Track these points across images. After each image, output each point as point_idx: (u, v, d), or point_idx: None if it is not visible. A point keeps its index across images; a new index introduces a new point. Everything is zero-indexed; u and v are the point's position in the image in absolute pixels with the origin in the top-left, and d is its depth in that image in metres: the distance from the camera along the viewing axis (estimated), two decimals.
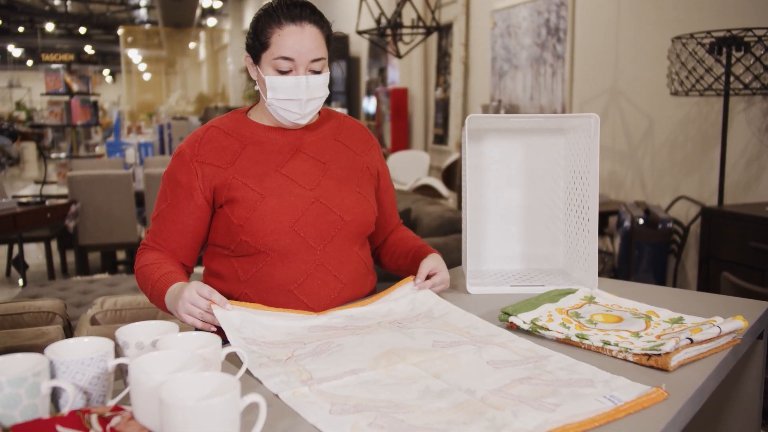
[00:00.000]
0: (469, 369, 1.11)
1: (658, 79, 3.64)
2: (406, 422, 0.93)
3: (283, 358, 1.16)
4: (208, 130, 1.49)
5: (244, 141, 1.47)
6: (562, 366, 1.12)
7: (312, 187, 1.46)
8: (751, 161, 3.17)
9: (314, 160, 1.49)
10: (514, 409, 0.95)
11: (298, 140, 1.50)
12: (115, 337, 1.02)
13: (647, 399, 0.99)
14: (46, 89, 6.95)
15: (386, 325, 1.34)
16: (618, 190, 4.11)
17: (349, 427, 0.91)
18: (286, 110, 1.43)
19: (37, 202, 3.96)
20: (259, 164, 1.45)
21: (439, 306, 1.44)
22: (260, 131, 1.49)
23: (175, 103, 14.35)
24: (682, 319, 1.32)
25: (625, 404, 0.97)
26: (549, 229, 1.82)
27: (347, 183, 1.51)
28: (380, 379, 1.08)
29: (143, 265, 1.43)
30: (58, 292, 3.29)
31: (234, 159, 1.45)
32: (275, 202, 1.42)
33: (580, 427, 0.90)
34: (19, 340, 2.07)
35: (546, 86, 4.86)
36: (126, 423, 0.84)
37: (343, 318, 1.38)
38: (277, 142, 1.49)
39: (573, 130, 1.71)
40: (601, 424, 0.92)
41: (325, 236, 1.45)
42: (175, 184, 1.46)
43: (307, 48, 1.39)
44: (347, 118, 1.64)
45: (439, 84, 6.87)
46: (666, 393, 1.01)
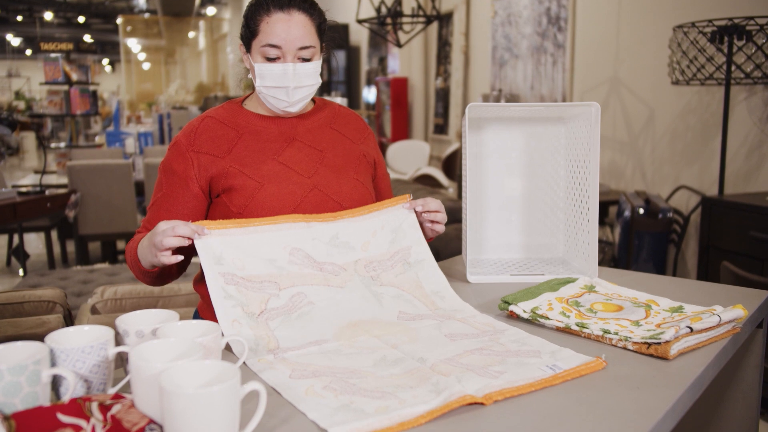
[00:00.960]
0: (426, 341, 1.18)
1: (659, 69, 3.63)
2: (357, 386, 1.00)
3: (256, 311, 1.20)
4: (203, 120, 1.49)
5: (239, 130, 1.48)
6: (514, 339, 1.19)
7: (310, 175, 1.46)
8: (751, 151, 3.17)
9: (310, 148, 1.50)
10: (459, 375, 1.02)
11: (293, 129, 1.50)
12: (115, 325, 1.02)
13: (586, 367, 1.06)
14: (45, 78, 6.93)
15: (362, 271, 1.36)
16: (618, 179, 4.10)
17: (304, 389, 0.99)
18: (274, 98, 1.44)
19: (36, 191, 3.96)
20: (256, 153, 1.45)
21: (419, 249, 1.44)
22: (255, 120, 1.49)
23: (174, 93, 14.31)
24: (682, 307, 1.32)
25: (563, 372, 1.04)
26: (549, 218, 1.82)
27: (344, 170, 1.51)
28: (342, 349, 1.16)
29: (130, 246, 1.41)
30: (58, 282, 3.30)
31: (230, 148, 1.45)
32: (274, 188, 1.42)
33: (516, 391, 0.97)
34: (19, 329, 2.07)
35: (546, 75, 4.84)
36: (126, 411, 0.85)
37: (327, 239, 1.35)
38: (273, 131, 1.49)
39: (573, 119, 1.71)
40: (536, 389, 0.99)
41: None
42: (170, 174, 1.45)
43: (294, 36, 1.39)
44: (342, 107, 1.64)
45: (440, 73, 6.85)
46: (605, 362, 1.08)
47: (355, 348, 1.16)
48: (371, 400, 0.95)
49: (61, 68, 6.82)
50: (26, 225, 4.74)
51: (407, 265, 1.41)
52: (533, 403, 0.95)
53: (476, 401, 0.94)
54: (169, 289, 2.33)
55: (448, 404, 0.92)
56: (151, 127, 7.12)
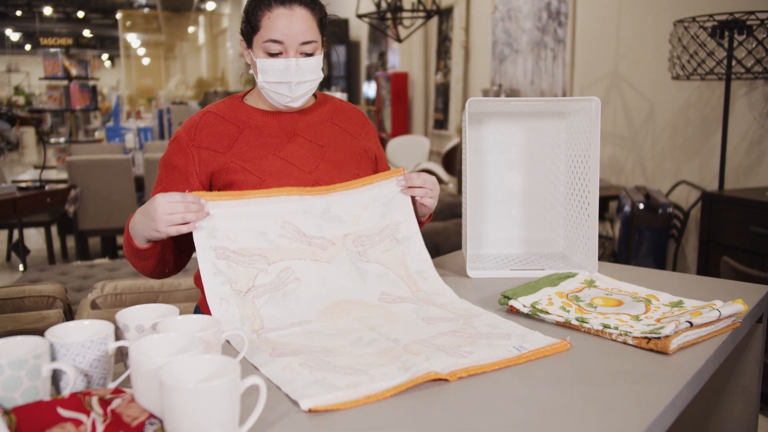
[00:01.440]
0: (403, 324, 1.24)
1: (660, 63, 3.63)
2: (332, 363, 1.05)
3: (243, 289, 1.25)
4: (204, 116, 1.48)
5: (240, 125, 1.47)
6: (488, 323, 1.24)
7: (311, 170, 1.46)
8: (752, 146, 3.16)
9: (311, 143, 1.50)
10: (428, 354, 1.07)
11: (294, 124, 1.50)
12: (115, 320, 1.02)
13: (550, 348, 1.11)
14: (44, 73, 6.92)
15: (350, 246, 1.38)
16: (618, 174, 4.10)
17: (282, 366, 1.04)
18: (277, 93, 1.44)
19: (36, 186, 3.95)
20: (257, 148, 1.45)
21: (408, 225, 1.47)
22: (256, 115, 1.49)
23: (174, 88, 14.30)
24: (682, 302, 1.32)
25: (528, 352, 1.09)
26: (549, 213, 1.82)
27: (346, 166, 1.51)
28: (322, 330, 1.22)
29: (125, 236, 1.38)
30: (58, 277, 3.30)
31: (231, 143, 1.45)
32: (275, 184, 1.42)
33: (480, 369, 1.03)
34: (19, 324, 2.07)
35: (547, 70, 4.84)
36: (126, 405, 0.85)
37: (319, 212, 1.37)
38: (273, 126, 1.49)
39: (574, 113, 1.70)
40: (501, 367, 1.04)
41: None
42: (171, 169, 1.45)
43: (296, 31, 1.39)
44: (343, 102, 1.64)
45: (440, 68, 6.84)
46: (569, 344, 1.13)
47: (334, 329, 1.22)
48: (343, 376, 1.00)
49: (61, 63, 6.81)
50: (26, 220, 4.74)
51: (394, 242, 1.44)
52: (532, 398, 0.95)
53: (440, 377, 0.99)
54: (169, 284, 2.33)
55: (413, 380, 0.97)
56: (150, 122, 7.11)
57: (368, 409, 0.93)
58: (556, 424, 0.88)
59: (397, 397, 0.96)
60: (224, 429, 0.79)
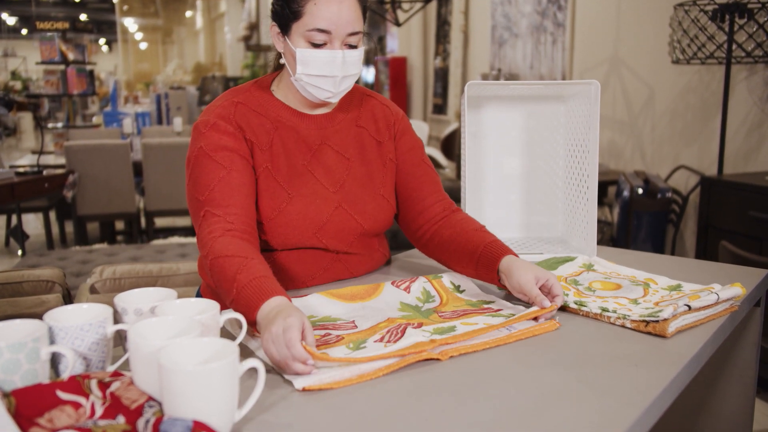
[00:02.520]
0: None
1: (660, 47, 3.61)
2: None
3: None
4: (237, 107, 1.34)
5: (274, 123, 1.36)
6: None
7: (336, 189, 1.38)
8: (751, 130, 3.15)
9: (339, 155, 1.39)
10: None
11: (322, 130, 1.39)
12: (113, 303, 1.02)
13: (539, 328, 1.13)
14: (41, 58, 6.88)
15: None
16: (618, 159, 4.09)
17: None
18: (316, 87, 1.30)
19: (34, 172, 3.94)
20: (290, 156, 1.35)
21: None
22: (287, 115, 1.37)
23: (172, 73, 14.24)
24: (681, 286, 1.32)
25: (518, 332, 1.12)
26: (548, 197, 1.82)
27: (370, 184, 1.42)
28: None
29: (218, 256, 1.16)
30: (57, 262, 3.30)
31: (269, 143, 1.34)
32: (301, 205, 1.34)
33: (472, 348, 1.06)
34: (18, 308, 2.07)
35: (546, 55, 4.81)
36: (125, 388, 0.85)
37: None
38: (303, 131, 1.37)
39: (573, 97, 1.70)
40: (491, 347, 1.07)
41: (345, 242, 1.40)
42: (226, 151, 1.29)
43: (345, 20, 1.25)
44: (368, 96, 1.49)
45: (439, 53, 6.81)
46: (558, 324, 1.16)
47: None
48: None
49: (57, 48, 6.77)
50: (24, 206, 4.73)
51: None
52: (531, 381, 0.96)
53: (432, 357, 1.02)
54: (168, 269, 2.33)
55: (405, 359, 0.99)
56: (148, 107, 7.07)
57: (362, 388, 0.94)
58: (554, 407, 0.88)
59: (391, 376, 0.97)
60: (223, 411, 0.79)
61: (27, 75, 16.47)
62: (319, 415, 0.87)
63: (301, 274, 1.40)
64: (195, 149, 1.30)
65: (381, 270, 1.54)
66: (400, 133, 1.48)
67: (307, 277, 1.41)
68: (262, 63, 11.54)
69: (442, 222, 1.42)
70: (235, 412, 0.82)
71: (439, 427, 0.83)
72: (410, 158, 1.47)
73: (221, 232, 1.21)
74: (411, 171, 1.46)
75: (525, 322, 1.16)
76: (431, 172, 1.49)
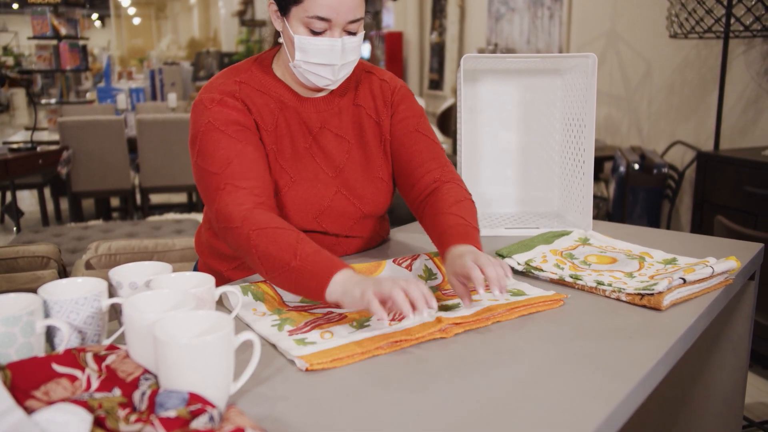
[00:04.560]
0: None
1: (658, 21, 3.58)
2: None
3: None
4: (241, 87, 1.30)
5: (278, 103, 1.33)
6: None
7: (335, 174, 1.36)
8: (748, 105, 3.14)
9: (339, 138, 1.37)
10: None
11: (322, 113, 1.36)
12: (108, 277, 1.02)
13: (543, 304, 1.13)
14: (33, 33, 6.79)
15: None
16: (614, 135, 4.08)
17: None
18: (315, 75, 1.26)
19: (28, 148, 3.92)
20: (293, 140, 1.33)
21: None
22: (288, 96, 1.34)
23: (166, 48, 14.11)
24: (676, 260, 1.32)
25: (522, 308, 1.11)
26: (544, 172, 1.81)
27: (369, 166, 1.40)
28: None
29: (267, 227, 1.12)
30: (52, 239, 3.29)
31: (275, 123, 1.31)
32: (303, 189, 1.33)
33: (476, 324, 1.05)
34: (14, 284, 2.07)
35: (543, 29, 4.77)
36: (121, 361, 0.85)
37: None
38: (305, 114, 1.34)
39: (570, 70, 1.68)
40: (493, 322, 1.07)
41: (345, 226, 1.40)
42: (238, 126, 1.25)
43: (347, 7, 1.19)
44: (368, 73, 1.44)
45: (435, 28, 6.75)
46: (562, 297, 1.15)
47: None
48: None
49: (49, 22, 6.68)
50: (19, 182, 4.71)
51: None
52: (526, 354, 0.96)
53: (436, 337, 1.01)
54: (163, 245, 2.33)
55: (409, 341, 0.98)
56: (142, 83, 7.01)
57: (363, 362, 0.94)
58: (549, 378, 0.88)
59: (392, 351, 0.97)
60: (219, 384, 0.79)
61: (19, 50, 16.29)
62: (315, 387, 0.87)
63: None
64: (202, 124, 1.25)
65: (379, 247, 1.54)
66: (396, 104, 1.43)
67: None
68: (257, 38, 11.44)
69: (428, 197, 1.35)
70: (231, 385, 0.82)
71: (435, 399, 0.84)
72: (402, 128, 1.41)
73: (254, 205, 1.17)
74: (403, 141, 1.41)
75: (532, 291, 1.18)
76: (425, 140, 1.41)
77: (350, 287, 1.00)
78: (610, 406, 0.81)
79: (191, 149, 1.27)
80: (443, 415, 0.80)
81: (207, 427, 0.70)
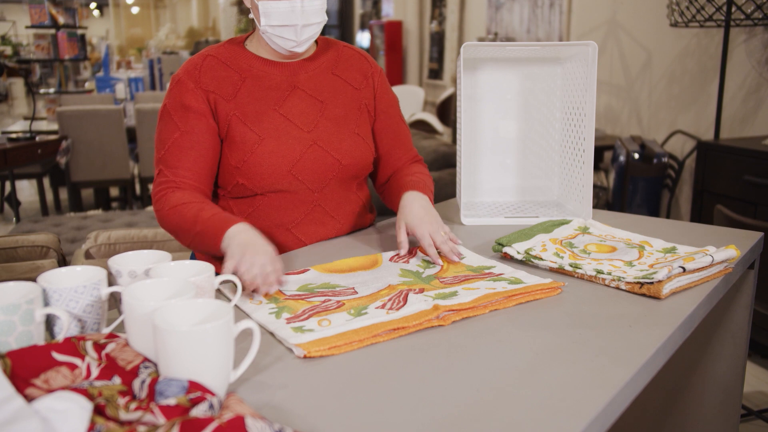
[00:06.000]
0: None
1: (658, 10, 3.56)
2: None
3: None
4: (205, 59, 1.42)
5: (242, 73, 1.41)
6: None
7: (309, 129, 1.42)
8: (749, 94, 3.13)
9: (312, 98, 1.44)
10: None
11: (294, 76, 1.44)
12: (108, 266, 1.02)
13: (541, 292, 1.13)
14: (31, 22, 6.76)
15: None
16: (614, 124, 4.07)
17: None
18: (281, 37, 1.37)
19: (27, 137, 3.91)
20: (258, 101, 1.40)
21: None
22: (258, 64, 1.43)
23: (164, 38, 14.03)
24: (675, 248, 1.32)
25: (520, 295, 1.11)
26: (544, 161, 1.81)
27: (345, 123, 1.46)
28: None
29: (176, 205, 1.30)
30: (51, 228, 3.29)
31: (235, 92, 1.40)
32: (273, 144, 1.38)
33: (473, 312, 1.06)
34: (14, 273, 2.07)
35: (543, 18, 4.75)
36: (121, 349, 0.85)
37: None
38: (275, 77, 1.43)
39: (570, 59, 1.68)
40: (491, 310, 1.07)
41: (323, 179, 1.43)
42: (184, 110, 1.37)
43: None
44: (346, 47, 1.56)
45: (435, 17, 6.72)
46: (560, 285, 1.15)
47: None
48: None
49: (47, 11, 6.64)
50: (18, 172, 4.70)
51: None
52: (526, 342, 0.96)
53: (433, 325, 1.01)
54: (163, 234, 2.33)
55: (407, 329, 0.99)
56: (141, 72, 6.99)
57: (361, 350, 0.94)
58: (549, 366, 0.89)
59: (390, 339, 0.97)
60: (218, 372, 0.79)
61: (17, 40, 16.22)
62: (314, 375, 0.87)
63: (284, 219, 1.43)
64: (162, 105, 1.41)
65: (373, 236, 1.53)
66: (380, 89, 1.55)
67: (291, 223, 1.43)
68: None
69: (400, 169, 1.57)
70: (231, 373, 0.82)
71: (434, 386, 0.84)
72: (386, 118, 1.55)
73: (172, 188, 1.34)
74: (386, 133, 1.56)
75: (530, 278, 1.19)
76: (404, 131, 1.59)
77: (233, 245, 1.16)
78: (610, 394, 0.81)
79: None
80: (442, 403, 0.80)
81: (207, 414, 0.70)
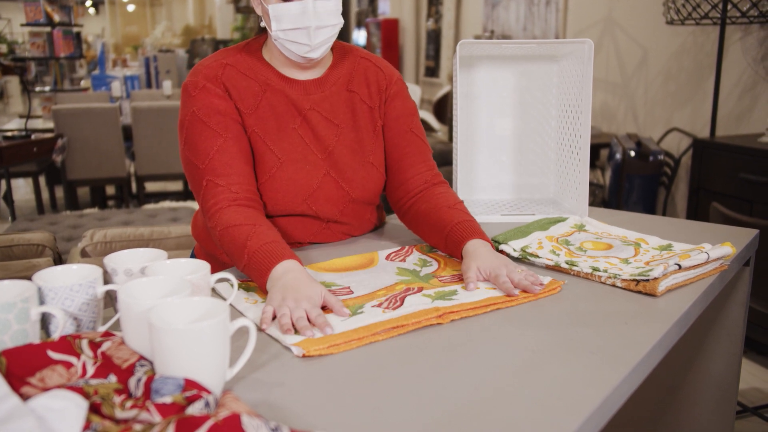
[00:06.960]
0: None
1: (654, 8, 3.57)
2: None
3: None
4: (225, 69, 1.31)
5: (262, 86, 1.33)
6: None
7: (324, 156, 1.36)
8: (744, 92, 3.14)
9: (328, 121, 1.36)
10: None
11: (309, 96, 1.35)
12: (103, 264, 1.01)
13: (542, 291, 1.12)
14: (26, 20, 6.74)
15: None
16: (610, 122, 4.08)
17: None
18: (293, 42, 1.27)
19: (22, 136, 3.90)
20: (278, 117, 1.33)
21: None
22: (275, 79, 1.34)
23: (160, 36, 14.00)
24: (671, 246, 1.32)
25: (521, 296, 1.11)
26: (540, 158, 1.81)
27: (360, 151, 1.39)
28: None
29: (228, 227, 1.20)
30: (48, 227, 3.28)
31: (256, 105, 1.32)
32: (292, 171, 1.32)
33: (473, 312, 1.05)
34: (9, 272, 2.07)
35: (540, 16, 4.75)
36: (116, 348, 0.85)
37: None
38: (291, 95, 1.34)
39: (566, 57, 1.68)
40: (492, 309, 1.07)
41: (335, 210, 1.39)
42: (220, 115, 1.28)
43: None
44: (363, 59, 1.44)
45: (431, 14, 6.72)
46: (560, 283, 1.15)
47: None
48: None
49: (43, 9, 6.62)
50: (14, 170, 4.69)
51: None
52: (523, 340, 0.96)
53: (432, 323, 1.01)
54: (159, 232, 2.32)
55: (404, 325, 0.99)
56: (137, 70, 6.98)
57: (359, 349, 0.94)
58: (544, 364, 0.89)
59: (388, 338, 0.97)
60: (214, 370, 0.79)
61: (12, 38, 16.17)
62: (311, 373, 0.87)
63: (291, 239, 1.39)
64: (188, 113, 1.29)
65: (372, 234, 1.53)
66: (391, 98, 1.43)
67: (297, 243, 1.41)
68: (252, 25, 11.37)
69: (420, 195, 1.40)
70: (227, 371, 0.82)
71: (431, 384, 0.84)
72: (397, 126, 1.43)
73: (227, 203, 1.23)
74: (396, 141, 1.43)
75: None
76: (417, 141, 1.44)
77: (275, 288, 1.08)
78: (606, 391, 0.81)
79: (179, 135, 1.32)
80: (440, 401, 0.80)
81: (203, 413, 0.70)
